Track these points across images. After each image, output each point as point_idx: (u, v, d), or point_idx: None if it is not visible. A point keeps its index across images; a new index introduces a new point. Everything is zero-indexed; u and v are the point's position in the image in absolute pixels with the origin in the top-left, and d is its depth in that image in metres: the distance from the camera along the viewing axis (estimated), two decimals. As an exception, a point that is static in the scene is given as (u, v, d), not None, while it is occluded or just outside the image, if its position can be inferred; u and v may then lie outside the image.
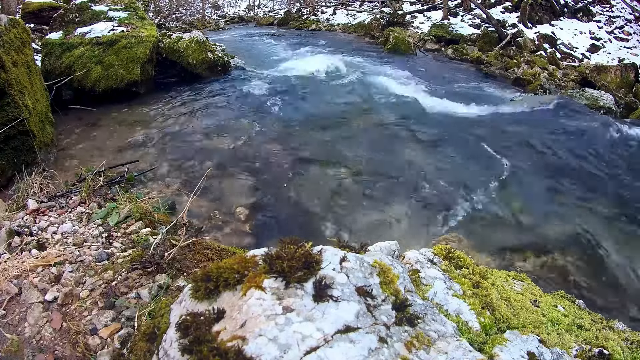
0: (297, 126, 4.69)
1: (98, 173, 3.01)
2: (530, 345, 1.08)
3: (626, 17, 12.73)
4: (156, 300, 1.66)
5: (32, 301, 1.62)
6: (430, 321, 1.01)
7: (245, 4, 28.48)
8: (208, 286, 0.98)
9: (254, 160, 3.83)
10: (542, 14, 12.33)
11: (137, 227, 2.24)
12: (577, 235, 3.15)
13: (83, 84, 4.92)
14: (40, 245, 1.97)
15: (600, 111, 5.89)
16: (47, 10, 7.28)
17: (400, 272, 1.13)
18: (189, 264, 1.96)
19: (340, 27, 14.83)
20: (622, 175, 4.20)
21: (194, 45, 6.10)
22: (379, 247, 1.38)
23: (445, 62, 9.57)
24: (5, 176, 2.98)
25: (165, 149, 3.93)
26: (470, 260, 1.52)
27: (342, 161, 3.91)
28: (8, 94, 3.00)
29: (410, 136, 4.57)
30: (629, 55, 10.72)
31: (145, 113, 4.84)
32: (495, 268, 1.71)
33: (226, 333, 0.86)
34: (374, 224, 3.09)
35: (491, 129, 5.00)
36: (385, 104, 5.56)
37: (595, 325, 1.37)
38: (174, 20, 17.54)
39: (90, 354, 1.47)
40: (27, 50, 3.60)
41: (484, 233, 3.08)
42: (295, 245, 1.03)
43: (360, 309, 0.92)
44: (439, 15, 13.43)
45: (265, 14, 23.73)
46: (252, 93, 5.65)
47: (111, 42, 5.15)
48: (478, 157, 4.18)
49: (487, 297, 1.30)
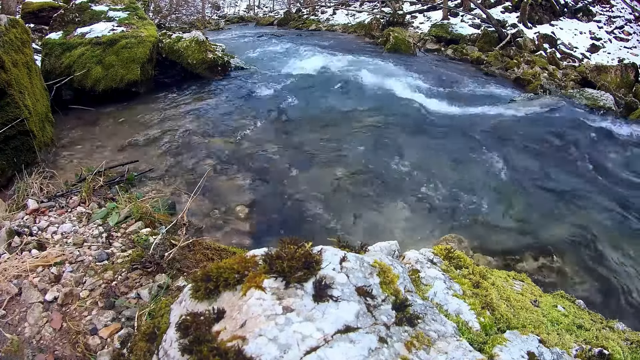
0: (297, 126, 4.69)
1: (98, 173, 3.01)
2: (530, 345, 1.08)
3: (626, 17, 12.73)
4: (156, 300, 1.66)
5: (32, 301, 1.62)
6: (430, 321, 1.01)
7: (245, 4, 28.48)
8: (208, 286, 0.98)
9: (254, 160, 3.83)
10: (542, 14, 12.33)
11: (137, 227, 2.24)
12: (577, 236, 3.15)
13: (83, 84, 4.92)
14: (40, 245, 1.97)
15: (600, 111, 5.89)
16: (47, 10, 7.28)
17: (400, 272, 1.13)
18: (189, 264, 1.96)
19: (340, 27, 14.83)
20: (622, 175, 4.20)
21: (194, 45, 6.10)
22: (379, 247, 1.38)
23: (445, 62, 9.56)
24: (5, 176, 2.98)
25: (165, 149, 3.93)
26: (470, 261, 1.52)
27: (342, 161, 3.91)
28: (8, 94, 3.00)
29: (410, 136, 4.57)
30: (629, 55, 10.72)
31: (145, 113, 4.84)
32: (495, 268, 1.71)
33: (226, 333, 0.86)
34: (374, 224, 3.09)
35: (491, 129, 5.00)
36: (385, 104, 5.56)
37: (595, 325, 1.37)
38: (174, 20, 17.54)
39: (90, 354, 1.47)
40: (27, 50, 3.60)
41: (484, 233, 3.08)
42: (295, 245, 1.03)
43: (360, 309, 0.92)
44: (439, 15, 13.44)
45: (265, 14, 23.73)
46: (252, 93, 5.65)
47: (111, 42, 5.15)
48: (478, 158, 4.18)
49: (487, 297, 1.30)
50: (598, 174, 4.18)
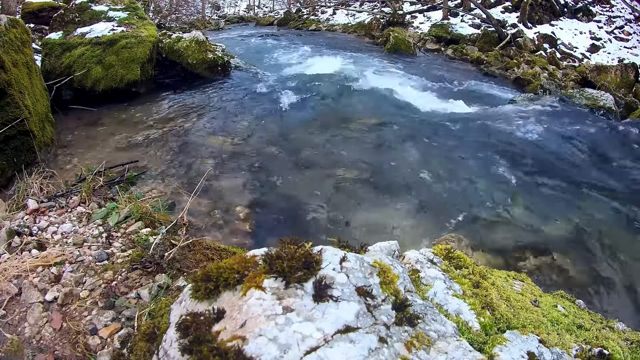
0: (297, 126, 4.69)
1: (98, 173, 3.01)
2: (530, 345, 1.08)
3: (626, 17, 12.73)
4: (156, 300, 1.66)
5: (32, 301, 1.62)
6: (430, 321, 1.01)
7: (245, 4, 28.49)
8: (208, 286, 0.98)
9: (254, 160, 3.83)
10: (542, 14, 12.34)
11: (137, 227, 2.24)
12: (577, 235, 3.15)
13: (83, 84, 4.92)
14: (40, 245, 1.97)
15: (600, 111, 5.89)
16: (47, 10, 7.28)
17: (400, 272, 1.13)
18: (189, 264, 1.96)
19: (340, 27, 14.84)
20: (622, 175, 4.20)
21: (194, 45, 6.10)
22: (379, 247, 1.38)
23: (445, 62, 9.57)
24: (5, 176, 2.98)
25: (165, 149, 3.93)
26: (470, 260, 1.52)
27: (342, 161, 3.91)
28: (8, 94, 3.00)
29: (409, 137, 4.57)
30: (629, 55, 10.72)
31: (145, 113, 4.84)
32: (495, 268, 1.71)
33: (226, 333, 0.86)
34: (374, 224, 3.09)
35: (491, 129, 5.00)
36: (385, 105, 5.56)
37: (595, 325, 1.37)
38: (174, 20, 17.54)
39: (90, 354, 1.47)
40: (27, 50, 3.60)
41: (484, 233, 3.08)
42: (295, 245, 1.03)
43: (360, 309, 0.92)
44: (439, 15, 13.44)
45: (265, 14, 23.75)
46: (252, 93, 5.65)
47: (111, 42, 5.15)
48: (477, 158, 4.18)
49: (487, 297, 1.30)
50: (598, 173, 4.18)
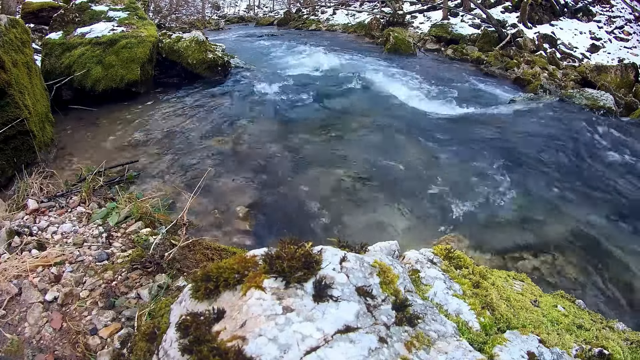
0: (296, 126, 4.69)
1: (98, 173, 3.01)
2: (530, 345, 1.08)
3: (626, 17, 12.73)
4: (156, 300, 1.66)
5: (32, 301, 1.62)
6: (430, 321, 1.01)
7: (245, 4, 28.49)
8: (208, 286, 0.98)
9: (254, 160, 3.83)
10: (542, 14, 12.33)
11: (137, 227, 2.24)
12: (577, 235, 3.15)
13: (83, 84, 4.92)
14: (40, 245, 1.97)
15: (600, 111, 5.89)
16: (47, 10, 7.27)
17: (400, 272, 1.13)
18: (189, 264, 1.96)
19: (340, 27, 14.84)
20: (622, 175, 4.20)
21: (194, 45, 6.10)
22: (379, 247, 1.38)
23: (445, 62, 9.57)
24: (5, 176, 2.98)
25: (165, 149, 3.93)
26: (470, 260, 1.52)
27: (342, 161, 3.91)
28: (8, 94, 3.00)
29: (410, 137, 4.57)
30: (629, 55, 10.72)
31: (145, 113, 4.84)
32: (495, 268, 1.71)
33: (226, 333, 0.86)
34: (374, 224, 3.09)
35: (491, 129, 5.00)
36: (385, 105, 5.56)
37: (595, 325, 1.37)
38: (174, 20, 17.53)
39: (90, 354, 1.47)
40: (27, 50, 3.59)
41: (484, 233, 3.08)
42: (295, 245, 1.03)
43: (360, 309, 0.92)
44: (439, 15, 13.44)
45: (265, 14, 23.75)
46: (252, 93, 5.65)
47: (111, 42, 5.15)
48: (477, 158, 4.18)
49: (487, 297, 1.30)
50: (598, 173, 4.17)
